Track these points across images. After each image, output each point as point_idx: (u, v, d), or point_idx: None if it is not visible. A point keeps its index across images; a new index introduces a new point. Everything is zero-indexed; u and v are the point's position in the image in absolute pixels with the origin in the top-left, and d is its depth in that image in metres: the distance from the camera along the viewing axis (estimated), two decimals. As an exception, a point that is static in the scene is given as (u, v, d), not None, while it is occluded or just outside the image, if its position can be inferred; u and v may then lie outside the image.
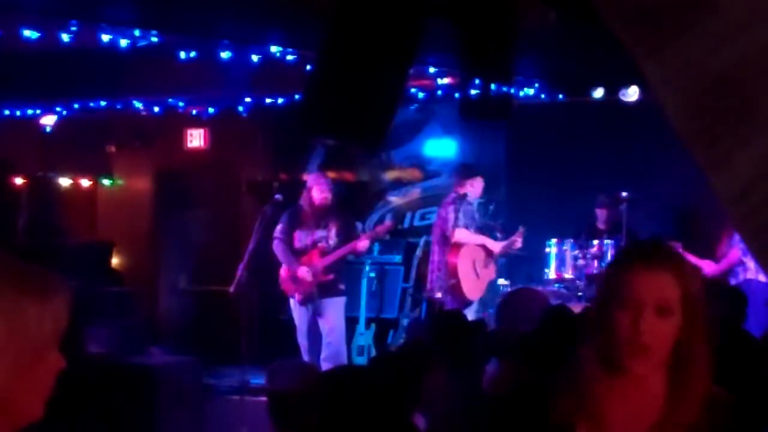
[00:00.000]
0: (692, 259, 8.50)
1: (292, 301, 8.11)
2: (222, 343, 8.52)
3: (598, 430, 1.99)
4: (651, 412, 2.00)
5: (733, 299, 5.83)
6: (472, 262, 8.33)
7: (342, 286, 8.15)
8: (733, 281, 8.23)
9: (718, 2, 2.01)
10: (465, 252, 8.33)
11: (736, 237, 8.06)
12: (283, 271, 8.07)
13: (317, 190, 8.02)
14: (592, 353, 2.01)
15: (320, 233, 8.03)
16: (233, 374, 7.92)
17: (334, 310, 8.05)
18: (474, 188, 8.44)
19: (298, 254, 8.02)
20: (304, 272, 7.92)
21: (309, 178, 8.27)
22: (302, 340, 8.08)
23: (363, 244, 8.00)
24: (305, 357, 8.06)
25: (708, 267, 8.45)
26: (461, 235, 8.26)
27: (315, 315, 8.01)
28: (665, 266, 2.00)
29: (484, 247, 8.43)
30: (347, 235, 8.06)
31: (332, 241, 8.01)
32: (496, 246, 8.44)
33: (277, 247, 8.04)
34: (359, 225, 8.34)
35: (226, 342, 8.33)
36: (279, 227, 8.06)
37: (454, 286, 8.26)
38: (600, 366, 1.99)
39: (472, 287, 8.35)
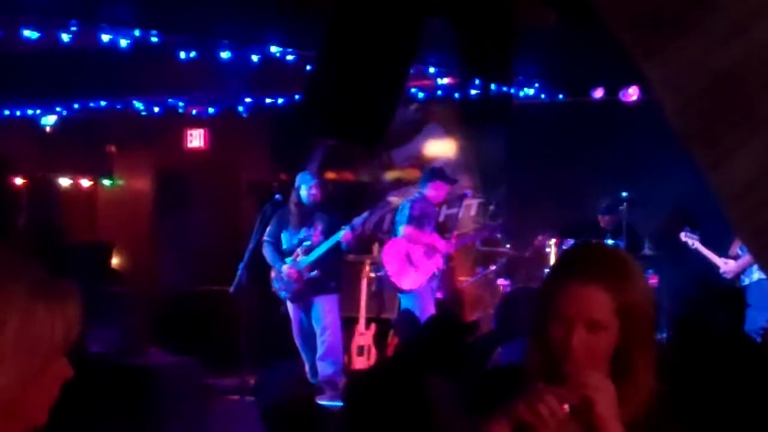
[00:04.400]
0: (710, 255, 8.47)
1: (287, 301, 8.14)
2: (222, 343, 8.52)
3: None
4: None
5: (732, 301, 5.84)
6: (405, 254, 8.35)
7: (333, 284, 8.13)
8: (746, 280, 8.22)
9: (717, 2, 2.01)
10: (393, 245, 8.42)
11: None
12: (273, 273, 8.11)
13: (304, 188, 8.03)
14: (535, 355, 2.03)
15: (305, 232, 8.04)
16: (233, 374, 7.93)
17: (326, 308, 8.02)
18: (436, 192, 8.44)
19: (285, 255, 8.05)
20: (286, 270, 7.94)
21: (297, 177, 8.25)
22: (297, 339, 8.10)
23: (347, 237, 7.94)
24: (303, 356, 8.07)
25: (726, 266, 8.43)
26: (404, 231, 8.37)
27: (306, 313, 8.03)
28: (597, 280, 1.98)
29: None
30: (333, 231, 8.05)
31: (317, 239, 8.01)
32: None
33: (265, 250, 8.09)
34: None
35: (225, 342, 8.32)
36: (267, 230, 8.09)
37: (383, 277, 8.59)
38: (542, 366, 2.00)
39: (405, 277, 8.35)
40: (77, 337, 1.56)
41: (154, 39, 7.65)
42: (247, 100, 9.97)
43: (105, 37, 7.47)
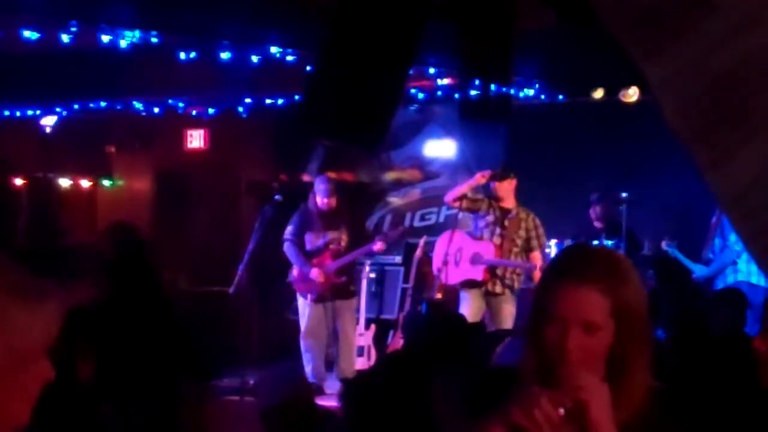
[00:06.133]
0: (686, 261, 8.51)
1: (301, 301, 8.14)
2: (222, 343, 8.52)
3: None
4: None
5: (733, 302, 5.86)
6: (457, 248, 8.07)
7: (353, 288, 8.26)
8: (720, 284, 8.19)
9: (717, 4, 2.01)
10: (451, 236, 8.19)
11: (731, 239, 8.06)
12: (295, 271, 8.13)
13: (319, 195, 8.06)
14: (531, 356, 2.02)
15: (332, 235, 8.07)
16: (233, 374, 7.93)
17: (349, 312, 8.18)
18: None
19: (309, 256, 8.07)
20: (316, 274, 7.96)
21: (315, 180, 8.30)
22: (307, 339, 8.09)
23: (379, 246, 8.03)
24: (306, 356, 8.07)
25: (699, 270, 8.44)
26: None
27: (327, 316, 8.08)
28: (593, 281, 1.97)
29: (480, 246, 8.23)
30: (358, 236, 8.13)
31: (344, 243, 8.07)
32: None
33: (288, 249, 8.08)
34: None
35: (225, 342, 8.32)
36: (289, 229, 8.10)
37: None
38: (538, 374, 1.99)
39: (447, 271, 8.09)
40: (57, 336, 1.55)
41: (154, 39, 7.64)
42: (247, 100, 9.96)
43: (105, 38, 7.46)
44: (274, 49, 8.09)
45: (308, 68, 7.49)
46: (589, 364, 1.96)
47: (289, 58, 8.16)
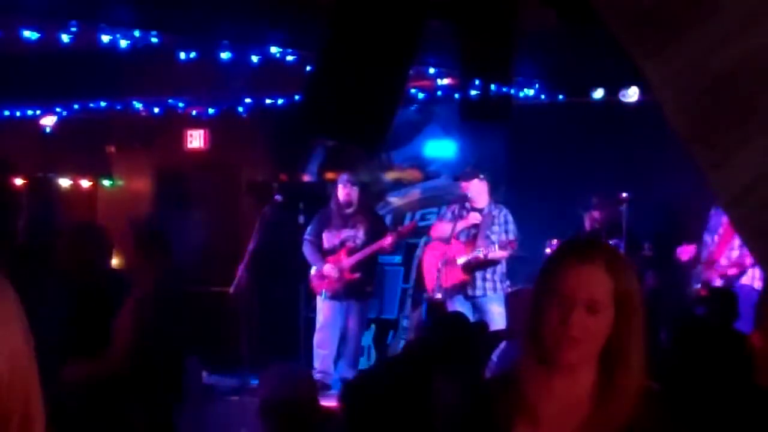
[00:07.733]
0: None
1: (318, 298, 8.19)
2: (222, 343, 8.53)
3: (535, 425, 2.01)
4: (584, 406, 2.02)
5: (725, 301, 5.88)
6: (439, 258, 8.11)
7: (369, 289, 8.36)
8: (721, 283, 8.11)
9: (717, 4, 2.01)
10: (434, 247, 8.30)
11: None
12: (312, 271, 8.18)
13: (341, 188, 8.15)
14: (529, 347, 2.03)
15: (348, 232, 8.14)
16: (233, 374, 7.93)
17: (361, 313, 8.28)
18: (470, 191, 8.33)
19: (327, 254, 8.14)
20: (329, 269, 8.03)
21: (337, 179, 8.40)
22: (319, 335, 8.13)
23: (388, 241, 8.09)
24: (317, 351, 8.10)
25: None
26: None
27: (340, 314, 8.13)
28: (597, 262, 2.00)
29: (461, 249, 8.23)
30: (376, 234, 8.18)
31: (360, 240, 8.13)
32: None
33: (306, 248, 8.20)
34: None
35: (226, 342, 8.33)
36: (308, 229, 8.26)
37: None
38: (535, 360, 2.00)
39: (431, 280, 8.18)
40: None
41: (154, 39, 7.64)
42: (247, 100, 9.95)
43: (105, 38, 7.46)
44: (274, 49, 8.08)
45: (308, 68, 7.49)
46: (588, 346, 1.98)
47: (289, 58, 8.16)
